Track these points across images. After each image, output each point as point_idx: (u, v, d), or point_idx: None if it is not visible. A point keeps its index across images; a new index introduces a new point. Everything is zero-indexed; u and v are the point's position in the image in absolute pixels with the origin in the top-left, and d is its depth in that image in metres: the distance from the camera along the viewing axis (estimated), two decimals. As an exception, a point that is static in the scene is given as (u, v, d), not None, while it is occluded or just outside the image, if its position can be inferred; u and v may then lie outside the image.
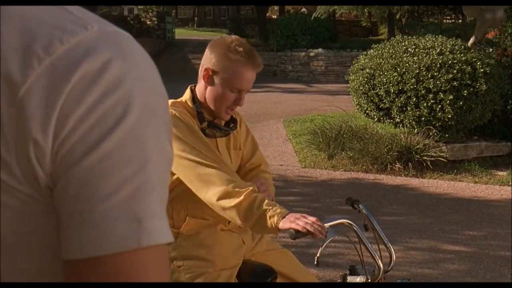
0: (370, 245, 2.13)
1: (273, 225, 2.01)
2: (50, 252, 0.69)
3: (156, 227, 0.65)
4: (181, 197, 2.16)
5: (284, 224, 2.00)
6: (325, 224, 2.02)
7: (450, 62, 7.54)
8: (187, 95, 2.27)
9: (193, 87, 2.28)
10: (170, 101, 2.21)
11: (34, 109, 0.62)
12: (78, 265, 0.64)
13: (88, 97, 0.63)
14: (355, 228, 2.14)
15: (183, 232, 2.23)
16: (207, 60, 2.21)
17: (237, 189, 2.05)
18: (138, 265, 0.64)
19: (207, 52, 2.23)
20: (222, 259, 2.24)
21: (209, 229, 2.26)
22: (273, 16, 33.87)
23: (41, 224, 0.67)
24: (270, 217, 2.01)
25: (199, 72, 2.24)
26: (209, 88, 2.20)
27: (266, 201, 2.06)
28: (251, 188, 2.07)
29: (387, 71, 7.85)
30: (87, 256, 0.63)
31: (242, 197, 2.04)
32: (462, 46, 7.95)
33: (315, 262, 2.09)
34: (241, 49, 2.16)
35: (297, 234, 1.96)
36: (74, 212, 0.63)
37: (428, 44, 7.99)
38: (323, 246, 2.10)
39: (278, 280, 2.33)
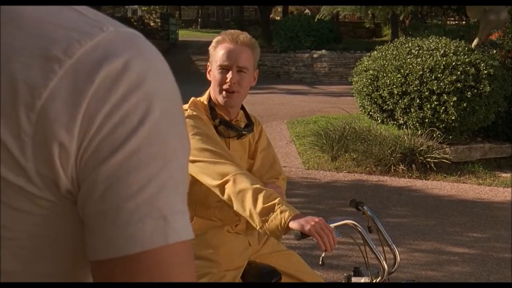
0: (374, 246, 2.14)
1: (284, 221, 1.92)
2: (69, 255, 0.70)
3: (180, 224, 0.66)
4: (190, 197, 2.16)
5: (295, 224, 1.92)
6: (330, 225, 2.02)
7: (453, 63, 7.53)
8: (205, 95, 2.32)
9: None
10: (192, 99, 2.30)
11: (58, 111, 0.62)
12: (107, 265, 0.65)
13: (112, 97, 0.64)
14: (359, 229, 2.15)
15: None
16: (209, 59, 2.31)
17: (249, 176, 2.05)
18: (166, 262, 0.65)
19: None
20: (228, 260, 2.24)
21: (215, 230, 2.27)
22: (276, 18, 33.86)
23: (57, 227, 0.68)
24: (281, 212, 1.94)
25: None
26: (211, 81, 2.28)
27: (279, 197, 2.00)
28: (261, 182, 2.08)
29: (391, 73, 7.85)
30: (117, 255, 0.64)
31: (255, 183, 2.00)
32: (466, 48, 7.94)
33: (320, 262, 2.10)
34: (227, 32, 2.27)
35: (302, 235, 1.95)
36: (101, 211, 0.64)
37: (431, 45, 7.99)
38: None
39: (284, 280, 2.34)
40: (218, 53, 2.22)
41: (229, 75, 2.20)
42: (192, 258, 0.69)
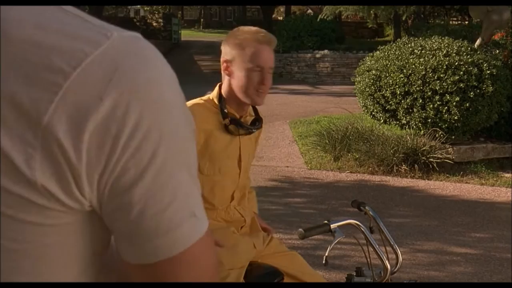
0: (377, 246, 2.14)
1: None
2: (77, 260, 0.71)
3: (203, 214, 0.72)
4: None
5: None
6: (333, 224, 2.04)
7: (456, 63, 7.52)
8: (214, 92, 2.29)
9: (221, 85, 2.29)
10: (196, 100, 2.26)
11: (64, 127, 0.61)
12: (154, 267, 0.69)
13: (131, 115, 0.63)
14: (362, 229, 2.15)
15: None
16: (223, 54, 2.23)
17: None
18: (202, 251, 0.72)
19: (221, 49, 2.24)
20: (231, 260, 2.24)
21: (221, 230, 2.28)
22: (279, 18, 33.87)
23: (66, 235, 0.68)
24: None
25: (222, 70, 2.26)
26: (232, 79, 2.21)
27: None
28: None
29: (393, 73, 7.85)
30: (165, 257, 0.68)
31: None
32: (469, 48, 7.93)
33: (324, 262, 2.10)
34: (247, 29, 2.21)
35: (305, 233, 1.97)
36: (142, 225, 0.67)
37: (434, 45, 7.98)
38: (332, 246, 2.11)
39: (286, 281, 2.34)
40: (249, 53, 2.16)
41: (267, 78, 2.20)
42: (212, 236, 0.77)
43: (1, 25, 0.63)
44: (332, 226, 2.11)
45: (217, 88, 2.29)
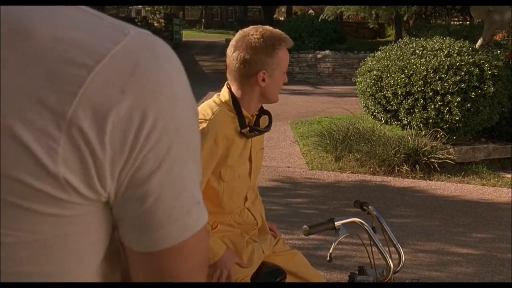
0: (380, 244, 2.15)
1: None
2: (92, 250, 0.73)
3: (203, 203, 0.75)
4: (212, 204, 2.18)
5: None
6: (337, 222, 2.06)
7: (457, 64, 7.52)
8: (226, 95, 2.20)
9: (229, 87, 2.21)
10: (210, 102, 2.19)
11: (88, 119, 0.63)
12: (163, 254, 0.72)
13: (152, 107, 0.66)
14: (366, 227, 2.16)
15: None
16: (255, 64, 2.13)
17: None
18: (202, 238, 0.75)
19: (246, 54, 2.12)
20: (247, 271, 2.27)
21: (236, 238, 2.28)
22: (280, 18, 33.88)
23: (82, 226, 0.70)
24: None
25: (243, 74, 2.15)
26: (263, 86, 2.16)
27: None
28: None
29: (395, 73, 7.85)
30: (176, 243, 0.71)
31: None
32: (470, 48, 7.93)
33: (328, 258, 2.11)
34: (272, 37, 2.14)
35: (310, 230, 2.01)
36: (155, 214, 0.70)
37: (435, 46, 7.98)
38: (336, 243, 2.12)
39: (288, 280, 2.35)
40: (281, 58, 2.15)
41: (286, 77, 2.25)
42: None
43: (22, 22, 0.64)
44: (336, 223, 2.13)
45: (227, 90, 2.20)
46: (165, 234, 0.71)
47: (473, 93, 7.38)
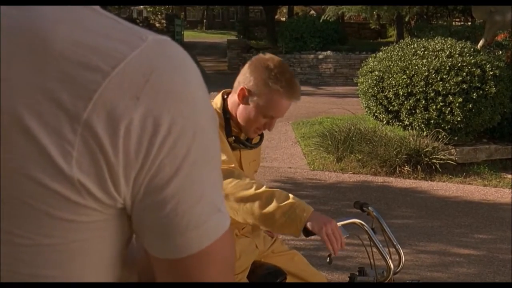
0: (380, 245, 2.15)
1: (301, 220, 1.93)
2: (107, 256, 0.73)
3: (225, 210, 0.74)
4: None
5: (312, 227, 1.93)
6: (338, 223, 2.05)
7: (459, 64, 7.52)
8: (218, 103, 2.17)
9: (225, 95, 2.19)
10: None
11: (103, 123, 0.63)
12: (186, 261, 0.71)
13: (166, 113, 0.65)
14: (366, 228, 2.15)
15: None
16: (246, 80, 2.10)
17: (257, 183, 2.02)
18: (226, 244, 0.74)
19: (246, 71, 2.12)
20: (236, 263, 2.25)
21: None
22: (282, 19, 33.86)
23: (97, 232, 0.70)
24: (299, 211, 1.95)
25: (235, 86, 2.14)
26: (242, 106, 2.12)
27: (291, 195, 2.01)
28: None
29: (396, 74, 7.84)
30: (196, 250, 0.70)
31: (263, 188, 1.99)
32: (472, 49, 7.92)
33: (328, 260, 2.11)
34: (282, 78, 2.07)
35: (310, 233, 1.98)
36: (174, 220, 0.69)
37: (437, 46, 7.98)
38: None
39: (289, 280, 2.35)
40: (273, 103, 2.08)
41: (272, 125, 2.18)
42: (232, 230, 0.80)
43: (39, 24, 0.64)
44: (337, 224, 2.13)
45: (220, 98, 2.18)
46: (186, 241, 0.70)
47: (474, 94, 7.37)
